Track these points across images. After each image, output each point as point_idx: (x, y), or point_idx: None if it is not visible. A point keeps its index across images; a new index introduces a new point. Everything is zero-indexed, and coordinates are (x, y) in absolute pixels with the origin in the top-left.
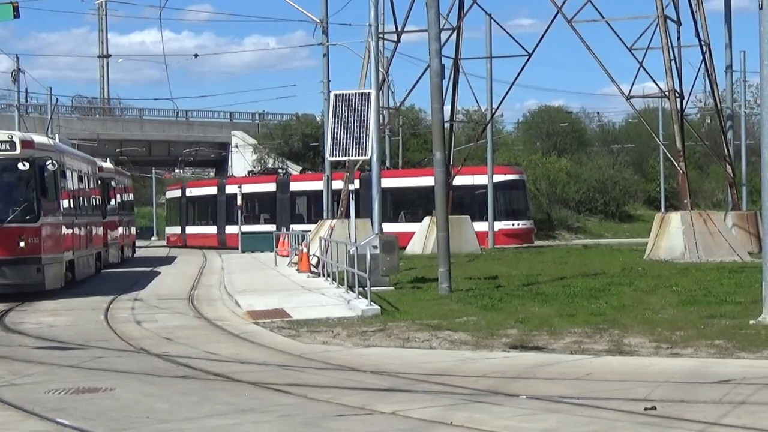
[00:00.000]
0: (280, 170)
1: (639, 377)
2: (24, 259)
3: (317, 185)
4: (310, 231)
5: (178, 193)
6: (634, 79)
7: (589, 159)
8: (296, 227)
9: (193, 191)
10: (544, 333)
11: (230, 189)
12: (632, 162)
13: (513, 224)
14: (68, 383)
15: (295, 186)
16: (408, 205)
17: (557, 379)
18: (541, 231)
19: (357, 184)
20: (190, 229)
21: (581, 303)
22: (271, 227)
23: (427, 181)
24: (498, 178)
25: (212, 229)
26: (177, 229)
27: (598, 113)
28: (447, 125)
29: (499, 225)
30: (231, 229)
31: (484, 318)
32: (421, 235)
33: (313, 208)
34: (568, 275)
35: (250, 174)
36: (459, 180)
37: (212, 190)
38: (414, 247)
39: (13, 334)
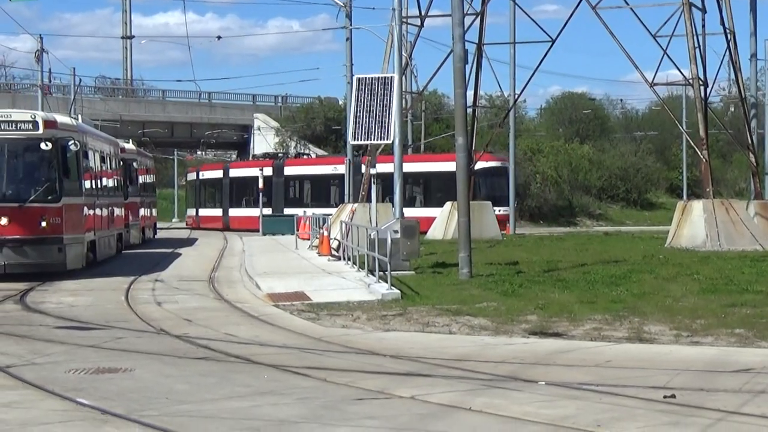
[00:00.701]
0: (283, 153)
1: (659, 365)
2: (45, 238)
3: (312, 170)
4: (299, 215)
5: (194, 175)
6: (658, 67)
7: (612, 146)
8: (290, 211)
9: (204, 174)
10: (563, 319)
11: (234, 172)
12: (655, 149)
13: (495, 210)
14: (88, 363)
15: (289, 170)
16: (388, 191)
17: (576, 366)
18: (562, 218)
19: (343, 169)
20: (202, 212)
21: (601, 290)
22: (267, 211)
23: (407, 167)
24: (480, 164)
25: (218, 212)
26: (194, 211)
27: (621, 100)
28: (469, 110)
29: None
30: (234, 212)
31: (504, 304)
32: (442, 220)
33: (308, 192)
34: (588, 262)
35: (254, 158)
36: (441, 167)
37: (218, 174)
38: (435, 232)
39: (33, 314)
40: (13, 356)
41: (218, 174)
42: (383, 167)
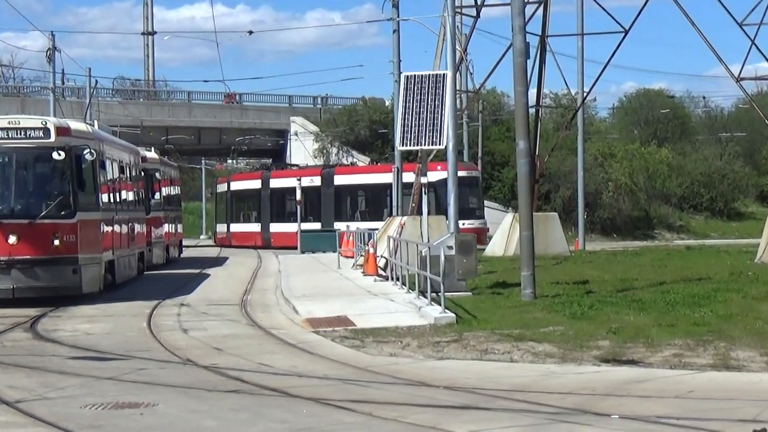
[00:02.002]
0: (272, 163)
1: (747, 395)
2: (59, 259)
3: (291, 182)
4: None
5: (215, 188)
6: (745, 59)
7: (694, 149)
8: (276, 226)
9: (219, 188)
10: (640, 345)
11: (234, 185)
12: (743, 152)
13: (463, 224)
14: (106, 397)
15: (275, 183)
16: (367, 203)
17: (654, 397)
18: (638, 230)
19: (318, 181)
20: (219, 227)
21: (682, 311)
22: (256, 227)
23: (385, 178)
24: (441, 175)
25: (223, 228)
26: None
27: (704, 97)
28: (532, 111)
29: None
30: (235, 228)
31: (573, 327)
32: (502, 235)
33: (291, 205)
34: (668, 280)
35: (251, 170)
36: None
37: (223, 188)
38: (494, 248)
39: (46, 343)
40: (23, 390)
41: (223, 188)
42: (341, 179)
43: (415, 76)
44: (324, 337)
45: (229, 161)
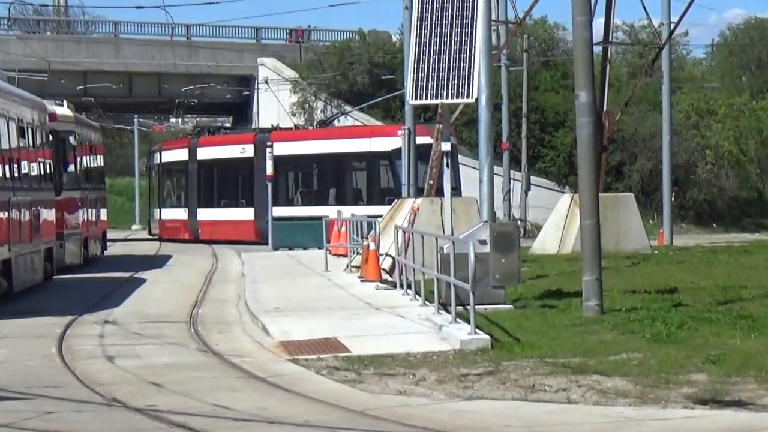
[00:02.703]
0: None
1: None
2: None
3: (222, 152)
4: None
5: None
6: None
7: None
8: (205, 212)
9: (153, 159)
10: (749, 379)
11: (165, 157)
12: None
13: None
14: None
15: (203, 153)
16: (317, 181)
17: None
18: (747, 218)
19: (251, 151)
20: (155, 214)
21: None
22: (180, 213)
23: (343, 146)
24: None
25: (156, 213)
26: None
27: None
28: (598, 50)
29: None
30: (165, 214)
31: (655, 355)
32: (556, 224)
33: (220, 183)
34: None
35: (184, 136)
36: (355, 145)
37: (157, 159)
38: (545, 243)
39: None
40: None
41: (157, 159)
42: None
43: (433, 0)
44: (306, 367)
45: (173, 120)
